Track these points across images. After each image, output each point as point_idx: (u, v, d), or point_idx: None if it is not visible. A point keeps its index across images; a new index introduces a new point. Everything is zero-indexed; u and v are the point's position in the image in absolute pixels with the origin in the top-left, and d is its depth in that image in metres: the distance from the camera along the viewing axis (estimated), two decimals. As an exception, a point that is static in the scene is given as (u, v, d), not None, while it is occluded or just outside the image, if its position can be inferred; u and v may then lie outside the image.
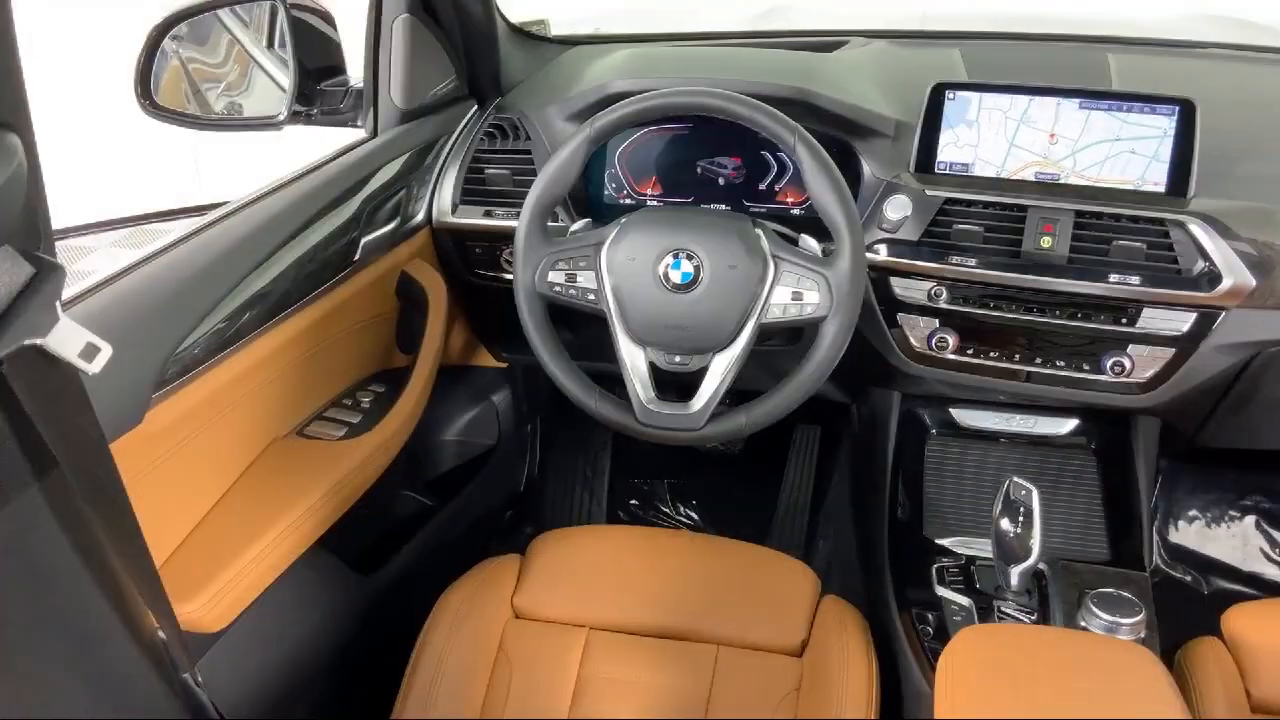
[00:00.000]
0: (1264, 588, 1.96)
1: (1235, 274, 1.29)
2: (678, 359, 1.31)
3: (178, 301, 1.11)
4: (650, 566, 1.40)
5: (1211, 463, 2.00)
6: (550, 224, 1.38)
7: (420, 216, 1.57)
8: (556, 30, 1.85)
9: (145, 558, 0.84)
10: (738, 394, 1.33)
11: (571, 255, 1.32)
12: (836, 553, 1.91)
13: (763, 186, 1.56)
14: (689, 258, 1.27)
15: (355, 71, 1.58)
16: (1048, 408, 1.55)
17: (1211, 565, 1.99)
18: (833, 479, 2.05)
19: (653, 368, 1.32)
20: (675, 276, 1.27)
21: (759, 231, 1.29)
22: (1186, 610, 1.37)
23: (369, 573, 1.50)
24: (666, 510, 2.21)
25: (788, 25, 2.17)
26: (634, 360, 1.31)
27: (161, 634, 0.89)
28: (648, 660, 1.31)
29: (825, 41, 1.73)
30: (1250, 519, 2.02)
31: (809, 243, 1.34)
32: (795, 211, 1.55)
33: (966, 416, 1.59)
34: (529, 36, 1.78)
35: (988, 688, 0.95)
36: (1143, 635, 1.20)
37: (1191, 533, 2.02)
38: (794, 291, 1.27)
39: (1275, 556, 2.00)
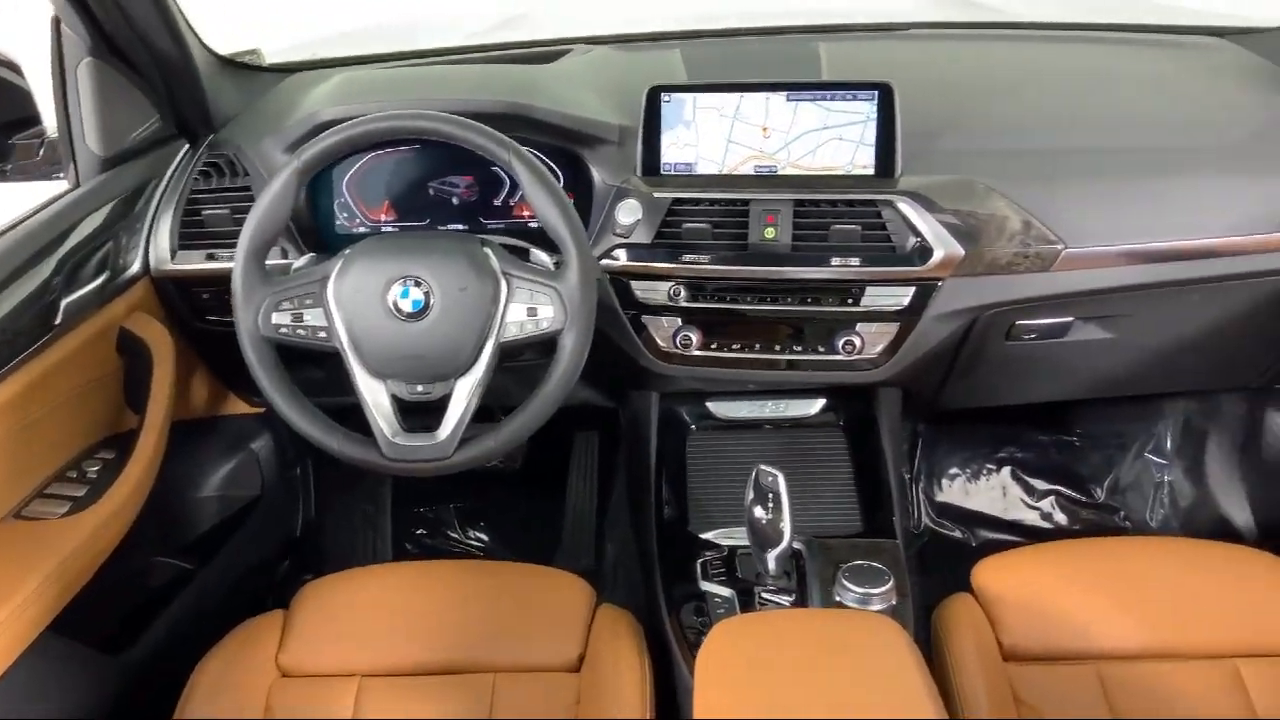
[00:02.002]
0: (1026, 533, 2.09)
1: (945, 245, 1.36)
2: (419, 388, 1.28)
3: None
4: (422, 602, 1.37)
5: (965, 421, 2.11)
6: (275, 262, 1.32)
7: (136, 267, 1.48)
8: (273, 58, 1.78)
9: None
10: (505, 412, 1.31)
11: (295, 294, 1.27)
12: (621, 558, 1.92)
13: (498, 202, 1.54)
14: (417, 284, 1.24)
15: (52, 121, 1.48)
16: (797, 390, 1.60)
17: (976, 518, 2.11)
18: (615, 483, 2.06)
19: (395, 400, 1.28)
20: (405, 305, 1.24)
21: (488, 250, 1.27)
22: (958, 564, 1.43)
23: (118, 652, 1.41)
24: (456, 536, 2.17)
25: (526, 35, 2.16)
26: (374, 395, 1.27)
27: None
28: (424, 700, 1.27)
29: (549, 51, 1.73)
30: (1007, 470, 2.15)
31: (540, 256, 1.33)
32: (534, 224, 1.54)
33: (723, 408, 1.62)
34: (241, 67, 1.70)
35: (741, 679, 0.96)
36: (894, 603, 1.25)
37: (955, 490, 2.14)
38: (529, 308, 1.26)
39: (1033, 503, 2.13)
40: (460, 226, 1.53)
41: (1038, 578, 1.36)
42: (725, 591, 1.35)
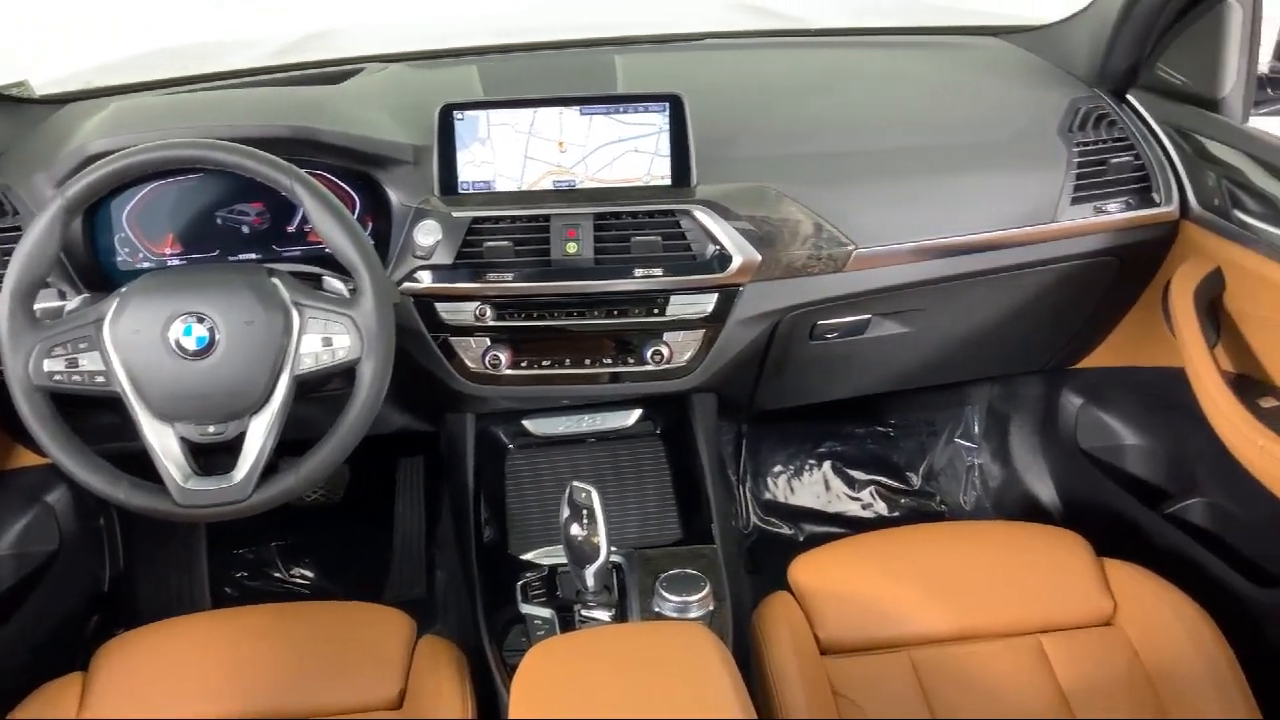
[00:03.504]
0: (849, 524, 2.15)
1: (743, 252, 1.39)
2: (211, 429, 1.22)
3: None
4: (233, 652, 1.30)
5: (786, 420, 2.16)
6: (49, 304, 1.24)
7: None
8: (48, 88, 1.67)
9: None
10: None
11: (68, 338, 1.19)
12: (451, 585, 1.88)
13: (291, 229, 1.48)
14: (200, 320, 1.18)
15: None
16: (613, 403, 1.60)
17: (802, 513, 2.16)
18: (443, 508, 2.02)
19: (186, 443, 1.22)
20: (189, 343, 1.18)
21: (275, 281, 1.22)
22: (788, 560, 1.46)
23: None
24: (279, 576, 2.09)
25: (326, 54, 2.09)
26: (161, 439, 1.21)
27: None
28: (236, 754, 1.21)
29: (340, 71, 1.68)
30: (828, 464, 2.21)
31: (333, 284, 1.29)
32: (330, 250, 1.49)
33: (540, 425, 1.61)
34: (8, 100, 1.59)
35: (554, 702, 0.95)
36: (711, 608, 1.26)
37: (781, 487, 2.18)
38: (323, 338, 1.22)
39: (854, 494, 2.19)
40: (252, 256, 1.47)
41: (851, 571, 1.39)
42: (545, 612, 1.34)
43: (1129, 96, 1.60)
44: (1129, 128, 1.54)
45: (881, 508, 2.16)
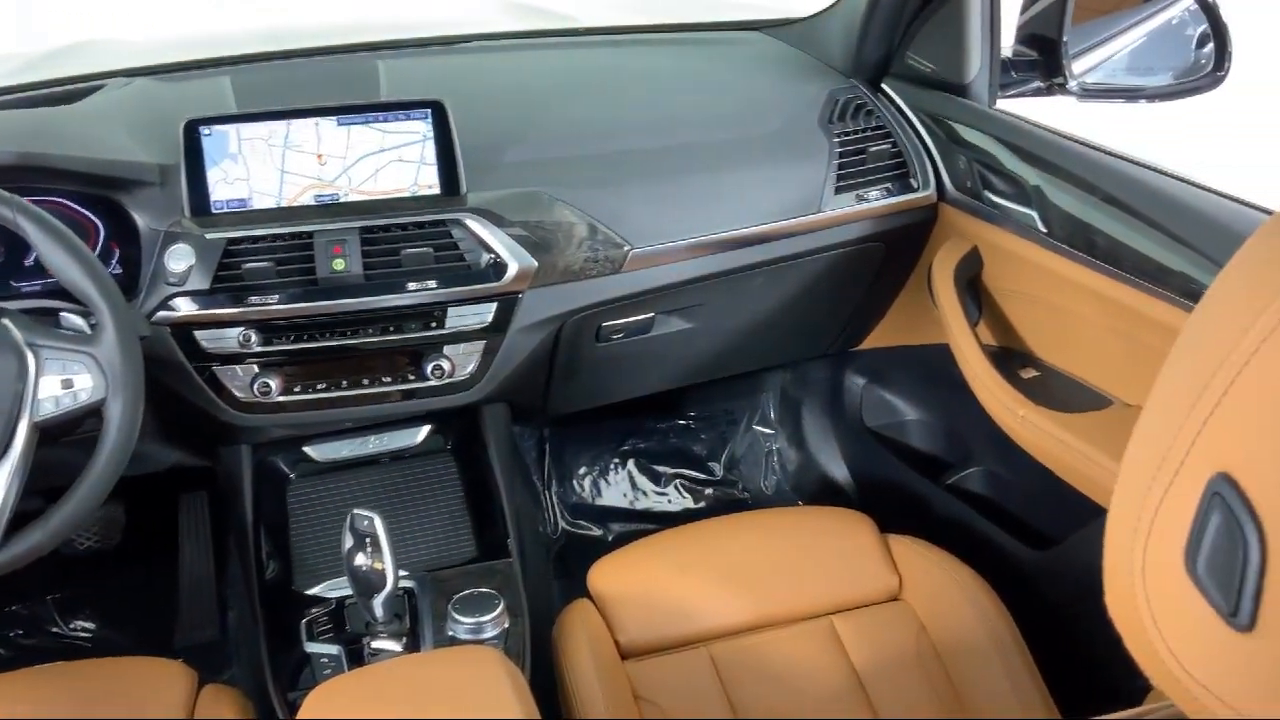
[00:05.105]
0: (657, 519, 2.15)
1: (518, 259, 1.36)
2: None
3: None
4: None
5: (588, 420, 2.15)
6: None
7: None
8: None
9: None
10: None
11: None
12: (242, 626, 1.79)
13: (29, 263, 1.37)
14: None
15: None
16: (398, 421, 1.55)
17: (610, 513, 2.15)
18: (231, 544, 1.91)
19: None
20: None
21: (5, 321, 1.12)
22: None
23: None
24: (58, 631, 1.93)
25: (76, 70, 1.94)
26: None
27: None
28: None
29: (80, 89, 1.56)
30: (632, 461, 2.21)
31: (73, 320, 1.19)
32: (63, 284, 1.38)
33: (322, 451, 1.54)
34: None
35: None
36: (507, 625, 1.23)
37: (587, 488, 2.17)
38: (63, 379, 1.12)
39: (660, 489, 2.20)
40: None
41: (648, 571, 1.39)
42: (331, 649, 1.28)
43: (884, 86, 1.65)
44: (885, 116, 1.59)
45: (687, 500, 2.17)
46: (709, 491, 2.19)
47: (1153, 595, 0.43)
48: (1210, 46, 1.50)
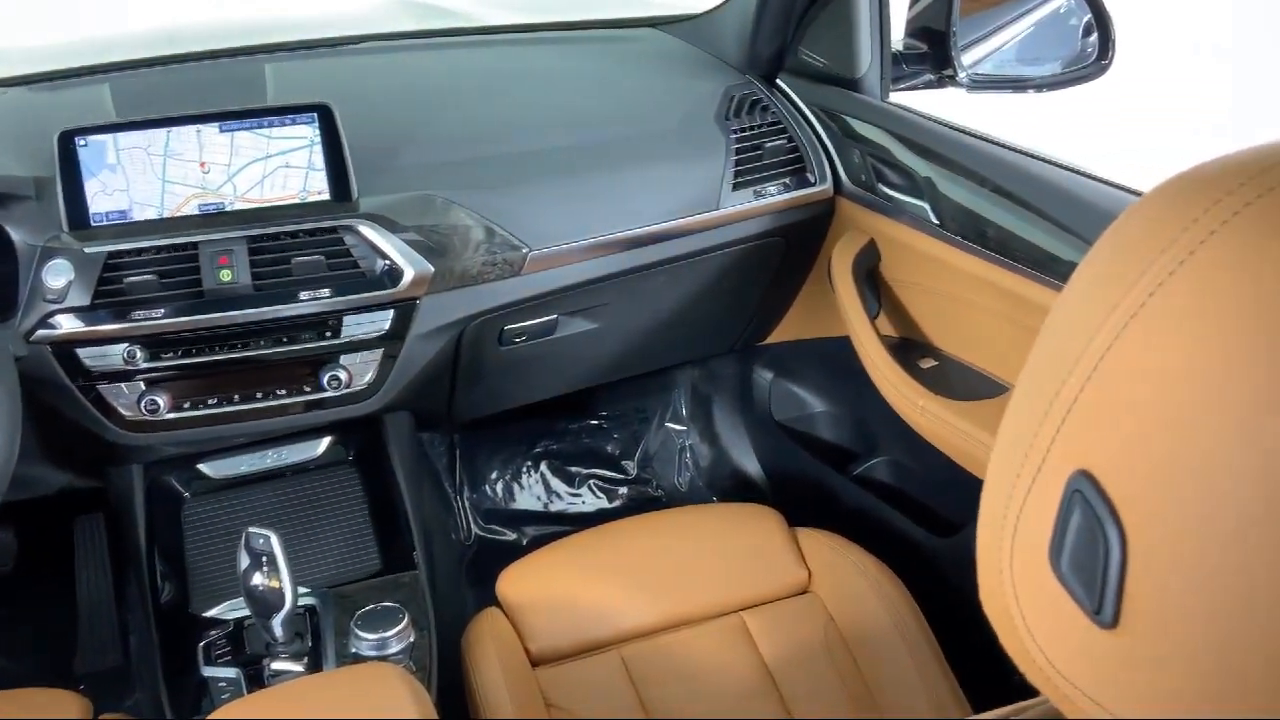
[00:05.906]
0: (571, 521, 2.13)
1: (414, 264, 1.33)
2: None
3: None
4: None
5: (499, 424, 2.12)
6: None
7: None
8: None
9: None
10: None
11: None
12: (143, 651, 1.73)
13: (-104, 284, 1.30)
14: None
15: None
16: (297, 434, 1.51)
17: (524, 517, 2.13)
18: (130, 567, 1.85)
19: None
20: None
21: None
22: None
23: None
24: None
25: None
26: None
27: None
28: None
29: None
30: (545, 464, 2.19)
31: (-59, 342, 1.14)
32: None
33: (217, 468, 1.49)
34: None
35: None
36: (412, 639, 1.21)
37: (500, 493, 2.14)
38: None
39: (574, 490, 2.18)
40: None
41: (558, 576, 1.38)
42: (229, 673, 1.24)
43: (779, 81, 1.66)
44: (781, 112, 1.60)
45: (601, 500, 2.16)
46: (623, 491, 2.18)
47: (1021, 593, 0.42)
48: (1095, 36, 1.53)
